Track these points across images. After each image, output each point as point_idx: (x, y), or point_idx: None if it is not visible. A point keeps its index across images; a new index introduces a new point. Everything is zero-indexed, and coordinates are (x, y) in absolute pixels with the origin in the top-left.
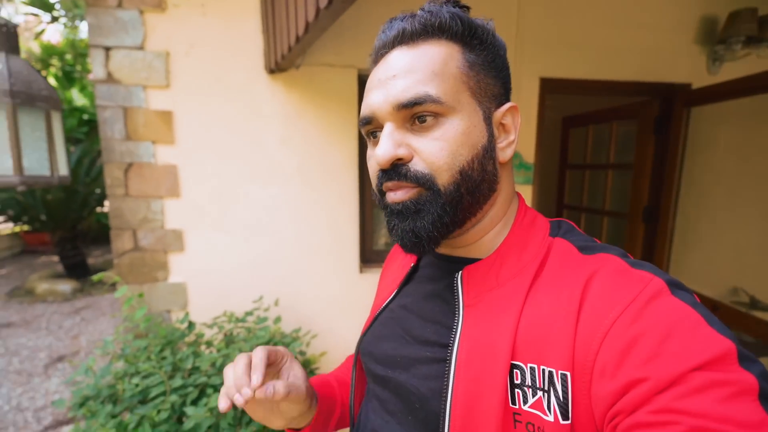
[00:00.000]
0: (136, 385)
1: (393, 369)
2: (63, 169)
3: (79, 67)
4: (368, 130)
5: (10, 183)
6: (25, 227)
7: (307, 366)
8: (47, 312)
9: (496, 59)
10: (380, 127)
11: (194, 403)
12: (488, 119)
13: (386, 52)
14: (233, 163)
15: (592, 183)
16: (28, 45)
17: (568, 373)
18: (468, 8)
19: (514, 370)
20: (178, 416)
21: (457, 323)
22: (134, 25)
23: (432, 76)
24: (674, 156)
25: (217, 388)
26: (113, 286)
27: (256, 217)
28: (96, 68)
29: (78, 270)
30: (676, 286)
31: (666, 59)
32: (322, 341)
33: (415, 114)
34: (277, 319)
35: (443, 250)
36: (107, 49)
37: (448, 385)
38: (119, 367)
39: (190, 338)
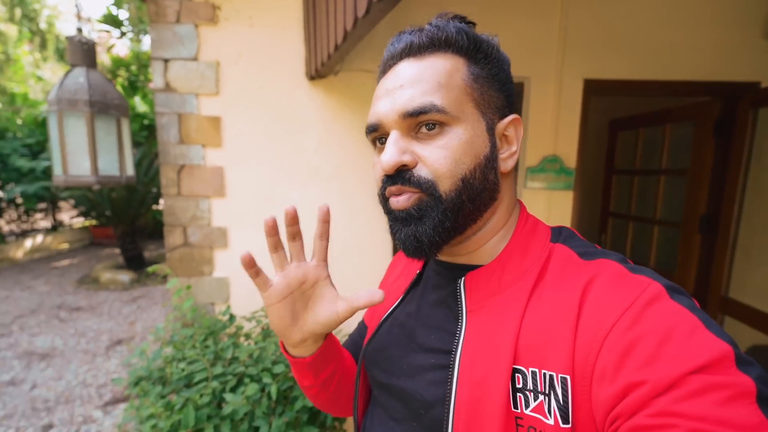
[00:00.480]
0: (182, 370)
1: (398, 377)
2: (129, 170)
3: (141, 77)
4: (374, 137)
5: (87, 182)
6: (93, 222)
7: None
8: (109, 299)
9: (499, 73)
10: (386, 135)
11: (233, 390)
12: (491, 130)
13: (394, 64)
14: (274, 166)
15: (642, 190)
16: (101, 58)
17: (568, 377)
18: (474, 24)
19: (516, 375)
20: (218, 401)
21: (460, 329)
22: (190, 38)
23: (438, 87)
24: (738, 161)
25: (253, 378)
26: (165, 278)
27: None
28: (156, 78)
29: (136, 262)
30: (674, 291)
31: (729, 56)
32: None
33: (421, 122)
34: None
35: (447, 257)
36: (166, 60)
37: (451, 391)
38: (168, 353)
39: (231, 330)
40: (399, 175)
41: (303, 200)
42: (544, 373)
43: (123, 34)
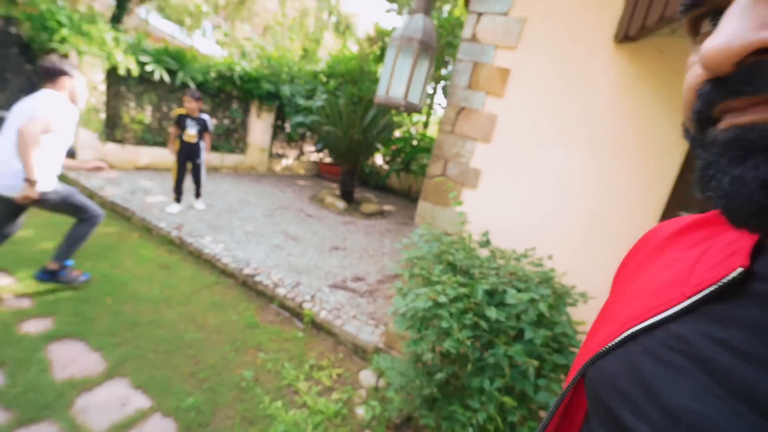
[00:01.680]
0: (462, 259)
1: None
2: (422, 102)
3: None
4: (695, 15)
5: (399, 105)
6: (324, 159)
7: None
8: (329, 216)
9: None
10: (721, 6)
11: (503, 292)
12: None
13: None
14: (546, 123)
15: None
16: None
17: None
18: None
19: None
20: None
21: None
22: None
23: None
24: None
25: (520, 290)
26: (368, 216)
27: (550, 178)
28: (466, 29)
29: (348, 196)
30: None
31: None
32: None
33: None
34: (552, 270)
35: None
36: (479, 14)
37: None
38: (442, 248)
39: (485, 253)
40: (748, 76)
41: (565, 163)
42: None
43: None
